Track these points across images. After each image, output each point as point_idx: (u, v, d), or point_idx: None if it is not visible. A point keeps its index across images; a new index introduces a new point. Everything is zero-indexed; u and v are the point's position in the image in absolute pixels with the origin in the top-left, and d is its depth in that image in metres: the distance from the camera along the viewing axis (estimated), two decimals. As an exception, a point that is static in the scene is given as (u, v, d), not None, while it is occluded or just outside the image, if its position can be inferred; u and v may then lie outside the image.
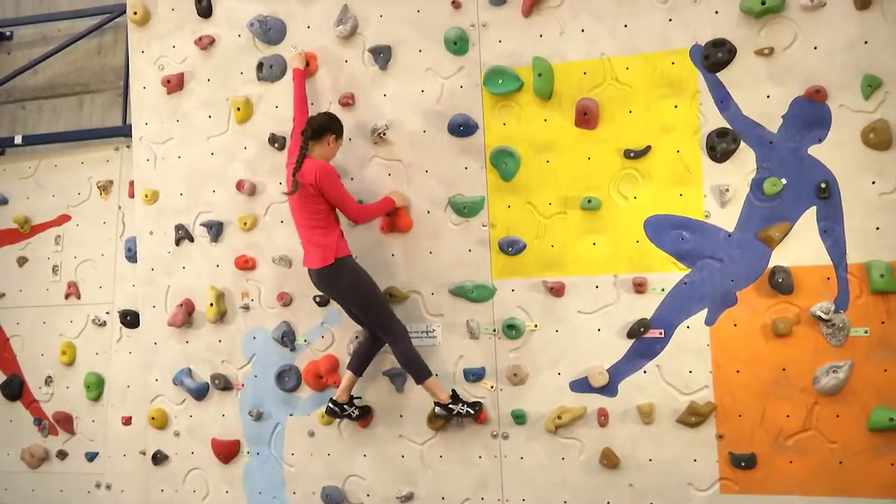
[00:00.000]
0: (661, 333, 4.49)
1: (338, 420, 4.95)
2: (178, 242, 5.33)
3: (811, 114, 4.29)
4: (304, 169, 4.45)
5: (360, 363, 4.78)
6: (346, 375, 4.78)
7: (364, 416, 4.88)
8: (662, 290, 4.49)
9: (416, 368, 4.62)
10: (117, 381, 5.79)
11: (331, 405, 4.78)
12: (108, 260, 5.91)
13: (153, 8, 5.44)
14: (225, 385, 5.19)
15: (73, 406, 5.90)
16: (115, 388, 5.79)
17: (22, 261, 6.17)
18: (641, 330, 4.48)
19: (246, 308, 5.18)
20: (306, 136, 4.52)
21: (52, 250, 6.11)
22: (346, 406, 4.79)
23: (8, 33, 6.78)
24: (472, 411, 4.64)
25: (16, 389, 6.04)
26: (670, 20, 4.51)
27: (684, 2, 4.48)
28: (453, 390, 4.70)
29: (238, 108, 5.18)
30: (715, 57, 4.40)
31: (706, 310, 4.43)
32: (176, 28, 5.38)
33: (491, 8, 4.79)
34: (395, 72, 4.93)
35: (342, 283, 4.54)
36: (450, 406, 4.62)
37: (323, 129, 4.55)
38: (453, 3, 4.82)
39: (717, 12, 4.43)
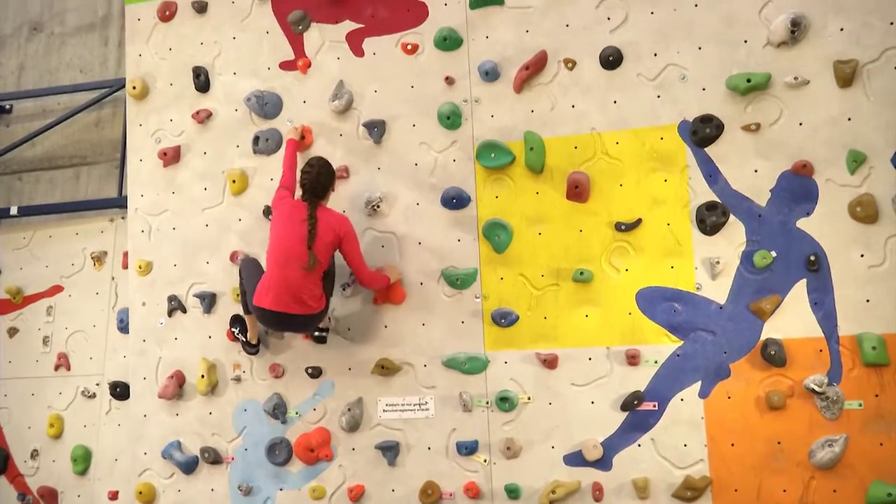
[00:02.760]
0: (655, 406, 4.46)
1: (328, 494, 4.87)
2: (170, 313, 5.32)
3: (798, 188, 4.36)
4: (323, 224, 4.44)
5: None
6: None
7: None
8: (655, 362, 4.48)
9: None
10: (105, 454, 5.69)
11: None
12: (100, 331, 5.88)
13: (152, 82, 5.54)
14: (214, 459, 5.11)
15: (58, 480, 5.79)
16: (102, 461, 5.69)
17: (13, 332, 6.13)
18: (635, 402, 4.46)
19: (237, 380, 5.14)
20: (315, 198, 4.50)
21: (43, 321, 6.08)
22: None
23: (8, 106, 6.88)
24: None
25: (1, 463, 5.93)
26: (658, 97, 4.61)
27: (672, 79, 4.60)
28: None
29: (233, 181, 5.24)
30: (703, 132, 4.49)
31: (700, 382, 4.42)
32: (174, 102, 5.48)
33: (483, 84, 4.89)
34: (389, 145, 5.01)
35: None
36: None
37: (326, 186, 4.57)
38: (446, 79, 4.93)
39: (704, 89, 4.54)
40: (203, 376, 5.13)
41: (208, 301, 5.22)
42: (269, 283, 4.48)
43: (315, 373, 4.99)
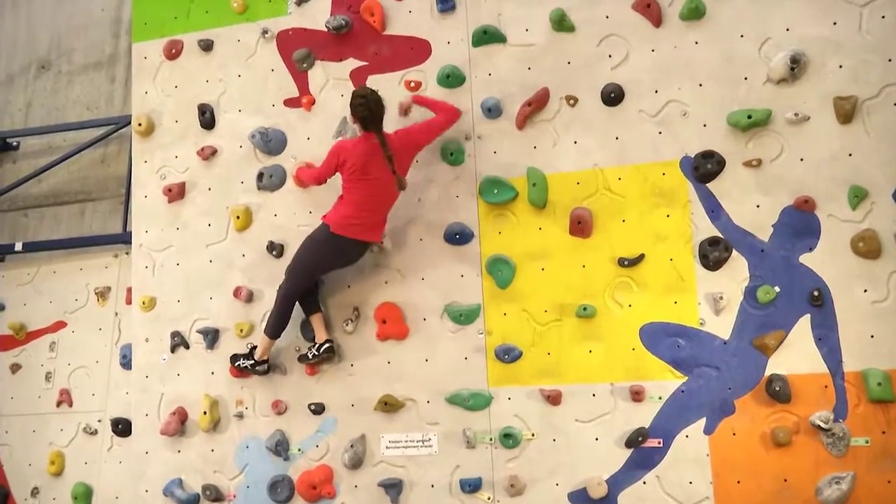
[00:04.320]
0: (659, 443, 4.43)
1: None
2: (173, 349, 5.32)
3: (801, 223, 4.36)
4: (395, 147, 4.59)
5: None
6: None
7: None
8: (660, 398, 4.46)
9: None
10: (106, 492, 5.66)
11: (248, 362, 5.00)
12: (103, 367, 5.88)
13: (158, 119, 5.60)
14: (216, 496, 5.07)
15: (58, 518, 5.76)
16: (103, 499, 5.66)
17: (15, 368, 6.13)
18: (640, 439, 4.43)
19: (240, 416, 5.12)
20: (377, 126, 4.57)
21: (45, 357, 6.09)
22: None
23: (15, 143, 6.95)
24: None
25: (1, 502, 5.89)
26: (660, 133, 4.64)
27: (673, 115, 4.63)
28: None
29: (237, 217, 5.26)
30: (704, 168, 4.51)
31: (704, 418, 4.39)
32: (179, 139, 5.53)
33: (486, 120, 4.93)
34: (392, 181, 5.04)
35: None
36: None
37: (383, 111, 4.63)
38: (449, 116, 4.98)
39: (705, 125, 4.56)
40: (205, 413, 5.10)
41: (211, 337, 5.22)
42: (365, 219, 4.65)
43: (318, 409, 4.96)
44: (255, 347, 5.02)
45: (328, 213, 4.74)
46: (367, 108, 4.56)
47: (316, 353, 4.85)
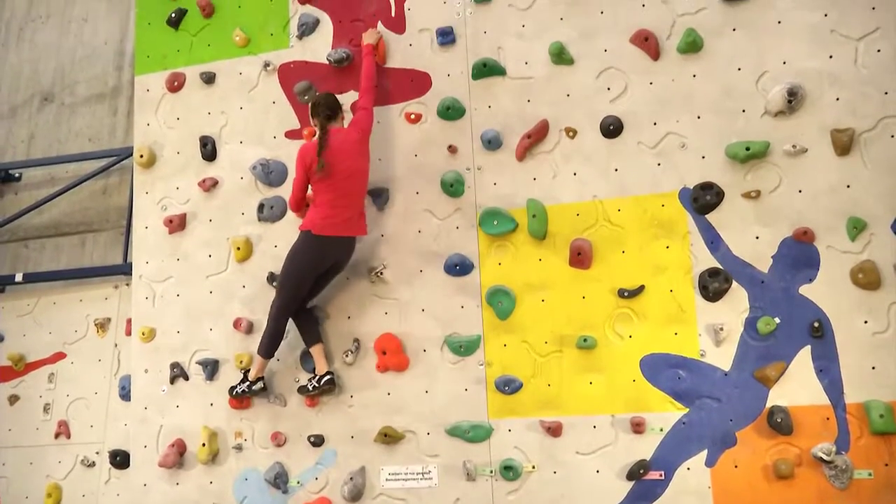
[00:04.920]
0: (661, 475, 4.40)
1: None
2: (172, 381, 5.30)
3: (800, 254, 4.37)
4: (343, 132, 4.76)
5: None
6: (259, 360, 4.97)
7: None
8: (661, 429, 4.44)
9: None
10: (103, 525, 5.62)
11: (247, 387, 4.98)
12: (102, 398, 5.86)
13: (159, 151, 5.63)
14: (214, 529, 5.03)
15: (55, 552, 5.70)
16: (100, 532, 5.61)
17: (13, 399, 6.11)
18: (641, 471, 4.40)
19: (238, 448, 5.09)
20: (324, 118, 4.75)
21: (44, 388, 6.07)
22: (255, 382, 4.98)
23: (17, 175, 6.98)
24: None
25: (-3, 534, 5.85)
26: (659, 164, 4.67)
27: (672, 147, 4.66)
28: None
29: (238, 248, 5.27)
30: (703, 199, 4.53)
31: (706, 450, 4.36)
32: (180, 170, 5.56)
33: (486, 152, 4.96)
34: (392, 213, 5.06)
35: (350, 257, 4.91)
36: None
37: (338, 108, 4.86)
38: (449, 147, 5.01)
39: (703, 157, 4.59)
40: (204, 444, 5.08)
41: (211, 368, 5.21)
42: (344, 214, 4.73)
43: (317, 441, 4.94)
44: (247, 371, 5.02)
45: (304, 221, 4.77)
46: (327, 108, 4.79)
47: (316, 384, 4.83)
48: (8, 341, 6.26)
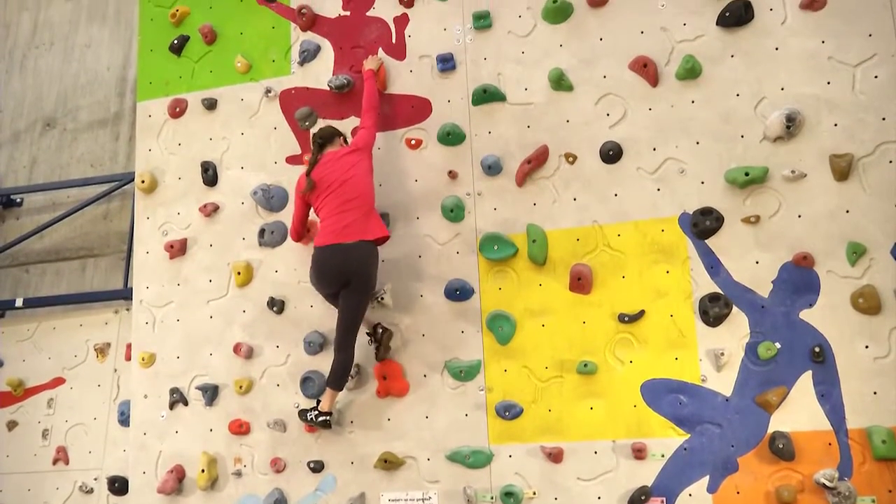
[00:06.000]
0: (662, 502, 4.37)
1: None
2: (172, 406, 5.28)
3: (800, 279, 4.37)
4: (337, 151, 4.78)
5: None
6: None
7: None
8: (662, 455, 4.41)
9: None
10: (100, 552, 5.57)
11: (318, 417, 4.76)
12: (101, 424, 5.84)
13: (161, 176, 5.66)
14: (212, 557, 5.00)
15: (52, 580, 5.66)
16: (98, 559, 5.57)
17: (12, 425, 6.08)
18: (643, 498, 4.37)
19: (238, 474, 5.06)
20: (318, 144, 4.85)
21: (43, 414, 6.05)
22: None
23: (19, 200, 7.00)
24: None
25: (-6, 562, 5.81)
26: (658, 189, 4.68)
27: (671, 172, 4.68)
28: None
29: (238, 273, 5.28)
30: (703, 224, 4.54)
31: (708, 476, 4.34)
32: (182, 195, 5.58)
33: (486, 178, 4.98)
34: (393, 237, 5.05)
35: (370, 264, 4.62)
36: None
37: (332, 134, 4.90)
38: (450, 173, 5.03)
39: (703, 182, 4.61)
40: (203, 471, 5.05)
41: (210, 393, 5.19)
42: (340, 222, 4.65)
43: (317, 467, 4.91)
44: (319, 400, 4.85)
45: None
46: (320, 137, 4.88)
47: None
48: (7, 366, 6.24)
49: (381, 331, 4.87)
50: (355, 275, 4.60)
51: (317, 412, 4.75)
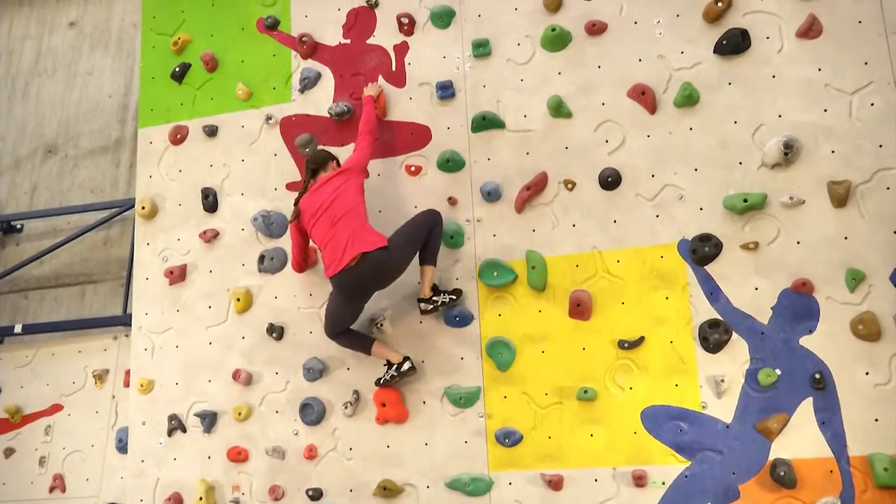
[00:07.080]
0: (664, 530, 4.34)
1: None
2: (170, 433, 5.26)
3: (800, 305, 4.38)
4: (327, 177, 4.77)
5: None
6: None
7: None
8: (663, 483, 4.39)
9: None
10: (96, 581, 5.52)
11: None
12: (98, 451, 5.80)
13: (161, 203, 5.67)
14: (210, 586, 4.95)
15: None
16: (93, 589, 5.51)
17: (9, 452, 6.04)
18: (644, 526, 4.34)
19: (236, 502, 5.03)
20: (311, 170, 4.88)
21: (40, 441, 6.01)
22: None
23: (19, 226, 7.01)
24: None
25: (-11, 591, 5.75)
26: (657, 216, 4.70)
27: (670, 199, 4.69)
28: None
29: (238, 299, 5.28)
30: (702, 251, 4.55)
31: (709, 504, 4.32)
32: (182, 222, 5.59)
33: (485, 204, 5.00)
34: (392, 264, 5.06)
35: (394, 260, 4.59)
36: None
37: (325, 159, 4.92)
38: (449, 199, 5.05)
39: (701, 209, 4.62)
40: (201, 498, 5.01)
41: (209, 420, 5.17)
42: (338, 246, 4.61)
43: (315, 495, 4.88)
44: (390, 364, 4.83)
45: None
46: (313, 163, 4.91)
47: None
48: (5, 393, 6.22)
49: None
50: (377, 282, 4.69)
51: (395, 367, 4.74)
